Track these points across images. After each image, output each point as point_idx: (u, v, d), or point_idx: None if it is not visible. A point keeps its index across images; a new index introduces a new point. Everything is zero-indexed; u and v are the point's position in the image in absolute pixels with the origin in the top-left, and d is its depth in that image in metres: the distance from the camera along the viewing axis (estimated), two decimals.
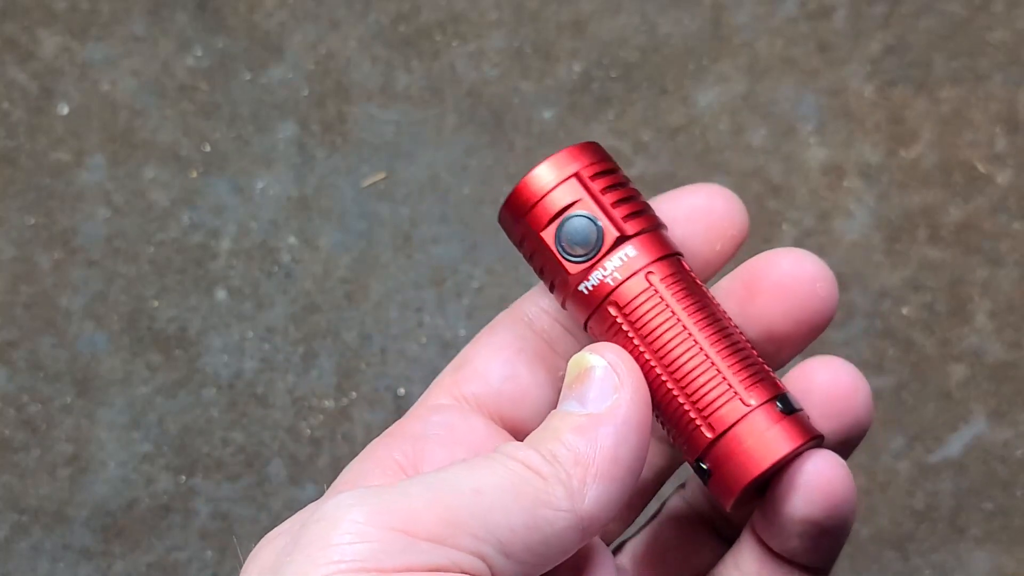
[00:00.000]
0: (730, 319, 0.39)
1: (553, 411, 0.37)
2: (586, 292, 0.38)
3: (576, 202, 0.38)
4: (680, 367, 0.37)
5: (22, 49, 0.96)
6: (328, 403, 0.90)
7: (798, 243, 0.91)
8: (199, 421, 0.89)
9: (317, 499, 0.37)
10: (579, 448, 0.35)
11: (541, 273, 0.40)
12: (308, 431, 0.89)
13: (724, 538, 0.42)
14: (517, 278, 0.91)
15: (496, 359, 0.41)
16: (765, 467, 0.36)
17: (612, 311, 0.38)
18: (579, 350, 0.38)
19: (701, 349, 0.37)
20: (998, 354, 0.90)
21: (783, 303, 0.39)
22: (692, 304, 0.38)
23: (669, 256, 0.39)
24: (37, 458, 0.89)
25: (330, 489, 0.40)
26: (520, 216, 0.39)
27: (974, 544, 0.87)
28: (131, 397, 0.89)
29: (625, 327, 0.38)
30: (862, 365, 0.90)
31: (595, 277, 0.38)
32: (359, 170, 0.94)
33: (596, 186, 0.38)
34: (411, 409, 0.42)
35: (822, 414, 0.38)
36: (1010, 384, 0.89)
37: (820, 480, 0.36)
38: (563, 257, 0.38)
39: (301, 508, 0.39)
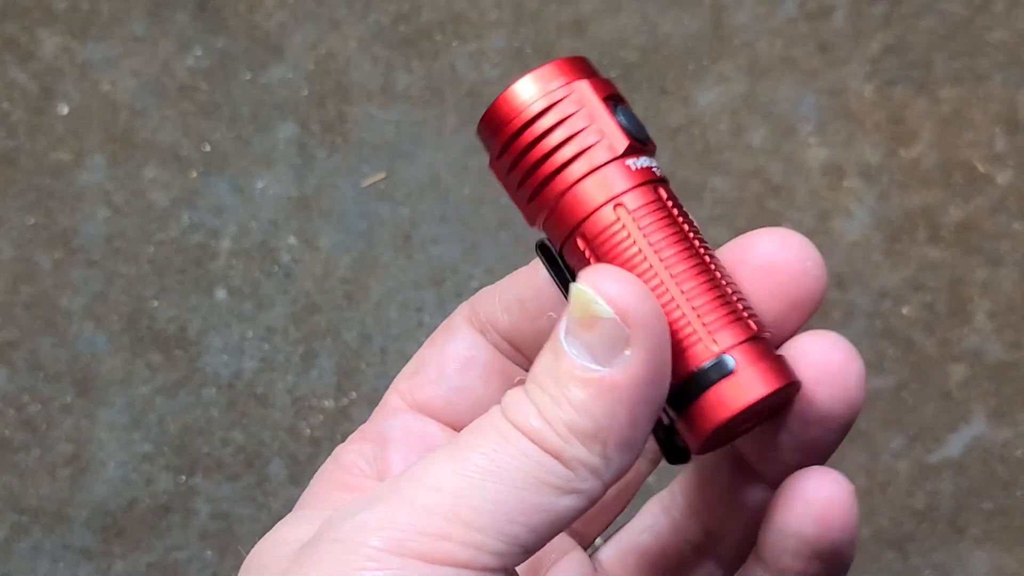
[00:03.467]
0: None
1: (555, 344, 0.33)
2: (633, 168, 0.36)
3: (622, 97, 0.37)
4: (695, 275, 0.35)
5: (22, 49, 0.96)
6: (328, 403, 0.90)
7: None
8: (199, 421, 0.89)
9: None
10: (596, 415, 0.32)
11: (558, 148, 0.36)
12: (308, 431, 0.89)
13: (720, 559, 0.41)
14: None
15: (448, 368, 0.41)
16: (766, 392, 0.35)
17: (661, 193, 0.36)
18: (535, 355, 0.34)
19: (714, 267, 0.36)
20: (998, 354, 0.90)
21: (768, 286, 0.36)
22: (693, 229, 0.36)
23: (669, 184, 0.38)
24: (37, 458, 0.89)
25: (305, 493, 0.39)
26: (575, 79, 0.36)
27: (974, 544, 0.87)
28: (131, 397, 0.89)
29: (663, 215, 0.36)
30: None
31: (642, 162, 0.36)
32: (359, 170, 0.94)
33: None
34: (373, 413, 0.42)
35: (812, 389, 0.36)
36: (1010, 384, 0.89)
37: (820, 496, 0.35)
38: (623, 127, 0.36)
39: None
